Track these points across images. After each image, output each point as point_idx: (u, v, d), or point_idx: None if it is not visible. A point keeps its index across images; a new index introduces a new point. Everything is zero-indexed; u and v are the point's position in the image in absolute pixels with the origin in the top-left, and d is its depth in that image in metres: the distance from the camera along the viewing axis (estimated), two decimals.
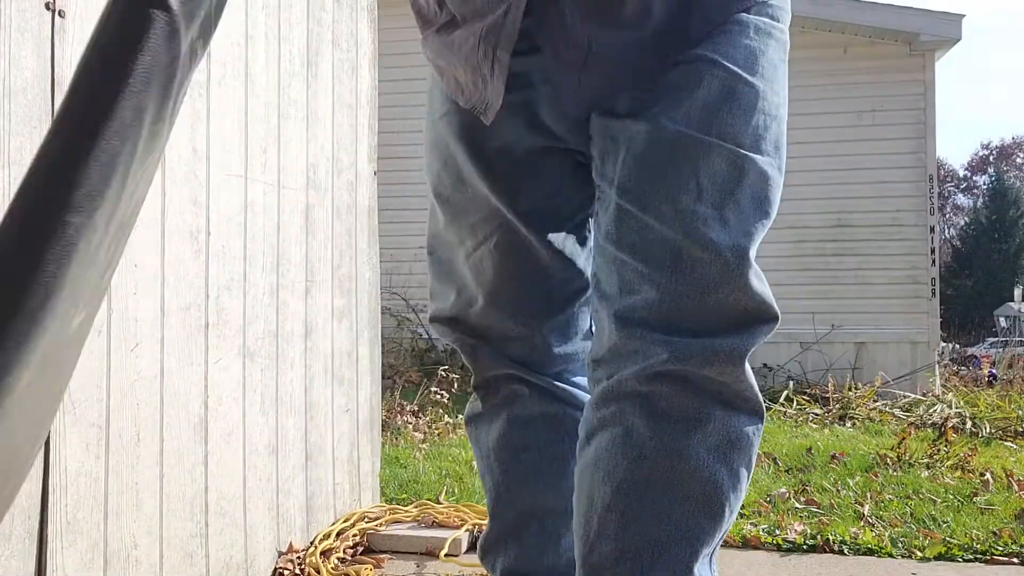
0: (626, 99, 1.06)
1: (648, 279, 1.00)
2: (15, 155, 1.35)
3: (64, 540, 1.45)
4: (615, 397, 1.01)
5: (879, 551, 2.54)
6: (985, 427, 4.84)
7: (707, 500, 0.98)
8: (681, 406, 0.99)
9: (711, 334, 1.00)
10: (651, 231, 1.00)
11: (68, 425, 1.46)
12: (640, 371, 0.99)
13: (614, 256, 1.03)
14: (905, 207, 7.43)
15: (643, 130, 1.02)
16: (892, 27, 7.28)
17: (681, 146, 1.00)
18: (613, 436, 1.00)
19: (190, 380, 1.81)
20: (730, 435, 1.01)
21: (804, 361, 7.42)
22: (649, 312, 1.00)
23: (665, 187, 1.00)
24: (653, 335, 0.99)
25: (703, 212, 0.99)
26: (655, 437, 0.98)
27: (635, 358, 1.00)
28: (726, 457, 1.00)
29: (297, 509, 2.28)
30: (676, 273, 0.99)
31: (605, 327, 1.05)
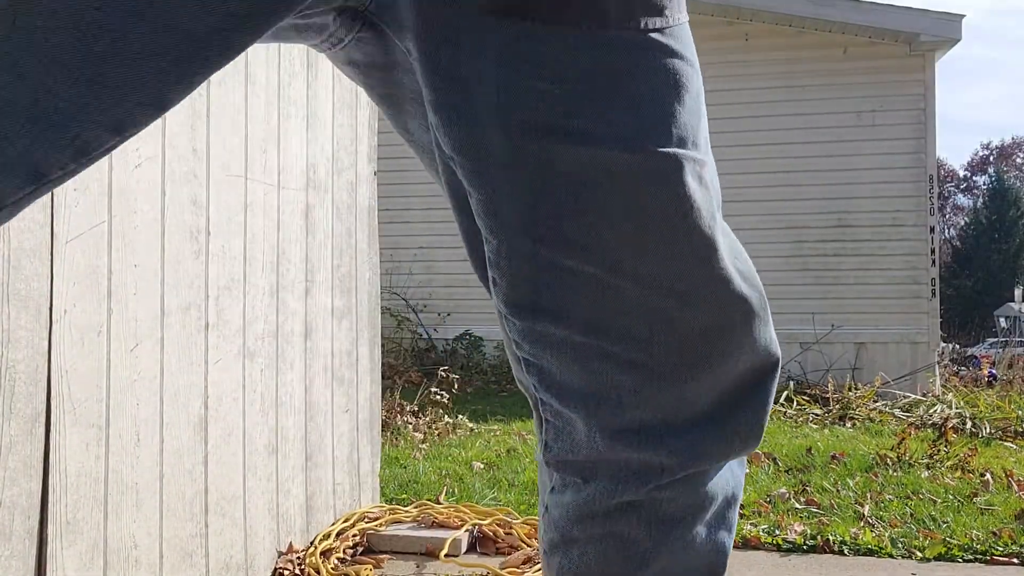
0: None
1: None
2: None
3: (64, 540, 1.45)
4: (602, 512, 0.77)
5: (879, 551, 2.54)
6: (985, 427, 4.84)
7: (712, 568, 0.82)
8: (688, 504, 0.78)
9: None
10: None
11: (68, 425, 1.46)
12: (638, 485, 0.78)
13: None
14: (905, 207, 7.43)
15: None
16: (892, 27, 7.28)
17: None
18: (603, 549, 0.79)
19: (190, 380, 1.81)
20: (732, 494, 0.83)
21: (804, 361, 7.42)
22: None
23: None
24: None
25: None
26: (657, 544, 0.78)
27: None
28: (727, 516, 0.83)
29: (297, 509, 2.28)
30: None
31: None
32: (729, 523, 0.83)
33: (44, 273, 1.41)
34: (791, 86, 7.55)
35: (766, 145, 7.56)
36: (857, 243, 7.48)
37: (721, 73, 7.69)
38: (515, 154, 0.67)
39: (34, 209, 1.39)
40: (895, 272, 7.43)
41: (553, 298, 0.71)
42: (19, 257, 1.36)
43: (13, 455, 1.34)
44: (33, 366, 1.39)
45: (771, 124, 7.56)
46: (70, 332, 1.47)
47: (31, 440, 1.38)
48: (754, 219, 7.61)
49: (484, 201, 0.69)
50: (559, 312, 0.71)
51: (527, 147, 0.66)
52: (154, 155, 1.70)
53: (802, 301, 7.52)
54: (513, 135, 0.66)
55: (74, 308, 1.48)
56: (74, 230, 1.48)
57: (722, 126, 7.66)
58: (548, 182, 0.67)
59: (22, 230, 1.36)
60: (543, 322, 0.72)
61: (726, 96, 7.65)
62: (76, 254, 1.49)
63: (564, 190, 0.67)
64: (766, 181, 7.59)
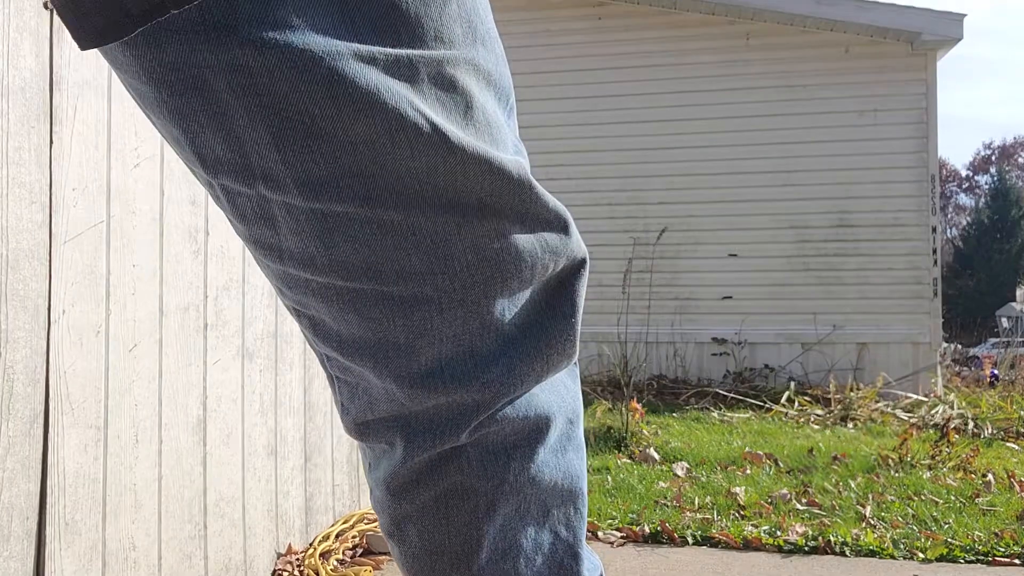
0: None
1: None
2: (13, 155, 1.35)
3: (62, 541, 1.44)
4: (425, 472, 0.69)
5: (881, 552, 2.53)
6: (987, 428, 4.84)
7: (570, 495, 0.74)
8: (520, 431, 0.70)
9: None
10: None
11: (66, 426, 1.46)
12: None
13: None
14: (907, 207, 7.43)
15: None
16: (894, 26, 7.27)
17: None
18: (442, 515, 0.70)
19: (189, 381, 1.81)
20: (572, 411, 0.76)
21: (806, 362, 7.41)
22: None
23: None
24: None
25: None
26: (497, 485, 0.70)
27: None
28: (572, 435, 0.75)
29: (296, 510, 2.28)
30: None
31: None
32: (576, 442, 0.73)
33: (42, 273, 1.41)
34: (792, 85, 7.54)
35: (767, 145, 7.56)
36: (859, 243, 7.47)
37: (722, 72, 7.69)
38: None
39: (32, 209, 1.38)
40: (897, 272, 7.42)
41: (297, 241, 0.60)
42: (17, 257, 1.35)
43: (11, 456, 1.34)
44: (31, 367, 1.38)
45: (772, 124, 7.56)
46: (68, 332, 1.46)
47: (29, 441, 1.38)
48: (755, 219, 7.60)
49: (185, 139, 0.59)
50: (306, 256, 0.60)
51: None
52: (152, 155, 1.70)
53: (804, 301, 7.51)
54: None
55: (72, 308, 1.47)
56: (72, 230, 1.48)
57: (723, 125, 7.67)
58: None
59: (20, 230, 1.36)
60: (293, 266, 0.62)
61: (727, 96, 7.65)
62: (74, 254, 1.48)
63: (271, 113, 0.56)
64: (767, 181, 7.58)
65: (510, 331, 0.65)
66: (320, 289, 0.62)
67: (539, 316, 0.66)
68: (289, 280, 0.63)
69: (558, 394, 0.70)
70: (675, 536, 2.70)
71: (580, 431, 0.73)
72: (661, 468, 3.72)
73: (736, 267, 7.61)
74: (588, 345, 7.74)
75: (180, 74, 0.56)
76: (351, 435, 0.70)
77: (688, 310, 7.67)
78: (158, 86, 0.57)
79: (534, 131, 7.95)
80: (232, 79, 0.55)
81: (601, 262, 7.82)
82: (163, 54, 0.55)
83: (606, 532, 2.75)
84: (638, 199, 7.75)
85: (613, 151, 7.78)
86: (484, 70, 0.63)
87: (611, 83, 7.80)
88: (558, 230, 0.66)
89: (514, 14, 8.03)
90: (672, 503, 3.07)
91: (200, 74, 0.55)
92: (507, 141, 0.65)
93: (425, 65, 0.58)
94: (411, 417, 0.65)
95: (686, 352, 7.61)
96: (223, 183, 0.60)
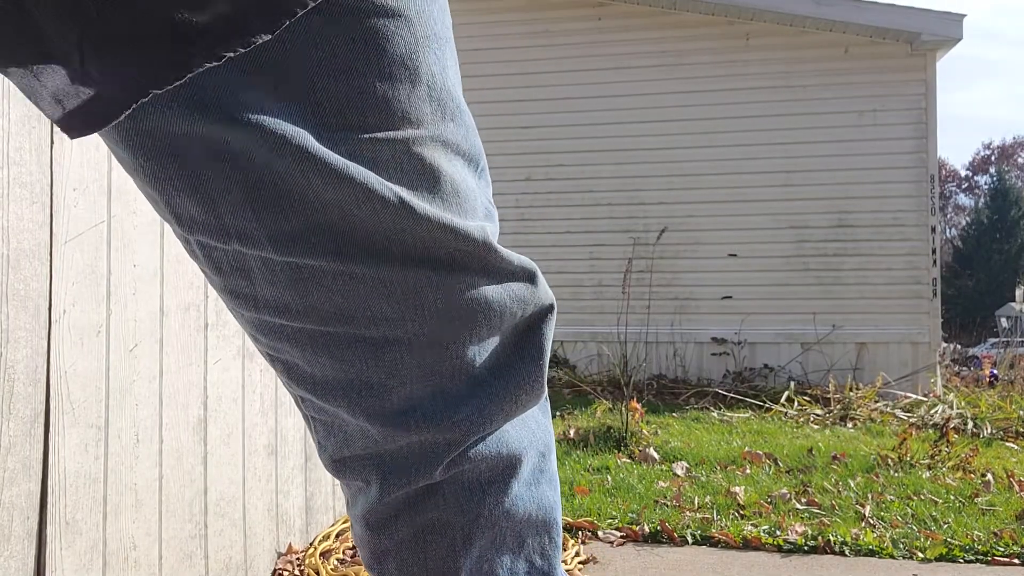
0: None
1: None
2: (14, 155, 1.35)
3: (63, 541, 1.45)
4: (402, 508, 0.72)
5: (880, 552, 2.53)
6: (986, 428, 4.84)
7: (544, 526, 0.79)
8: (494, 467, 0.74)
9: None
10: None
11: (67, 426, 1.46)
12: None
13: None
14: (906, 207, 7.43)
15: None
16: (893, 27, 7.28)
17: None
18: (419, 549, 0.73)
19: (189, 380, 1.81)
20: (544, 444, 0.79)
21: (805, 361, 7.42)
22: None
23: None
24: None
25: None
26: (473, 519, 0.73)
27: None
28: (545, 468, 0.79)
29: (296, 510, 2.28)
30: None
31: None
32: (549, 475, 0.76)
33: (43, 273, 1.41)
34: (792, 86, 7.55)
35: (767, 145, 7.56)
36: (858, 243, 7.48)
37: (722, 73, 7.69)
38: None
39: (33, 209, 1.39)
40: (896, 272, 7.43)
41: (271, 290, 0.62)
42: (18, 257, 1.35)
43: (12, 456, 1.34)
44: (32, 366, 1.38)
45: (772, 124, 7.56)
46: (69, 332, 1.47)
47: (30, 441, 1.38)
48: (755, 219, 7.61)
49: (161, 200, 0.61)
50: (281, 304, 0.63)
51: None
52: None
53: (803, 301, 7.51)
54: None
55: (73, 308, 1.47)
56: (73, 230, 1.48)
57: (723, 126, 7.67)
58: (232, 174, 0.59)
59: (21, 230, 1.36)
60: (268, 314, 0.64)
61: (727, 96, 7.66)
62: (75, 254, 1.48)
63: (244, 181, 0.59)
64: (767, 181, 7.58)
65: (480, 373, 0.67)
66: (294, 334, 0.64)
67: (508, 359, 0.69)
68: (263, 327, 0.65)
69: (529, 430, 0.73)
70: (675, 536, 2.70)
71: (552, 463, 0.76)
72: (661, 468, 3.72)
73: (736, 267, 7.62)
74: (588, 345, 7.74)
75: (156, 141, 0.58)
76: (329, 471, 0.72)
77: (688, 310, 7.67)
78: (135, 152, 0.59)
79: (534, 131, 7.96)
80: (207, 148, 0.57)
81: (601, 262, 7.82)
82: (140, 123, 0.57)
83: (606, 531, 2.75)
84: (638, 199, 7.76)
85: (613, 151, 7.78)
86: (453, 143, 0.65)
87: (611, 83, 7.80)
88: (525, 280, 0.68)
89: (514, 14, 8.03)
90: (672, 503, 3.07)
91: (176, 142, 0.57)
92: (477, 207, 0.67)
93: (391, 146, 0.60)
94: (385, 455, 0.67)
95: (686, 352, 7.61)
96: (198, 239, 0.62)
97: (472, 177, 0.69)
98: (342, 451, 0.69)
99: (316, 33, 0.56)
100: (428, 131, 0.62)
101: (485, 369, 0.68)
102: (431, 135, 0.62)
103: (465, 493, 0.69)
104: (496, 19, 8.05)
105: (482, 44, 8.00)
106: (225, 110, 0.55)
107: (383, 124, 0.59)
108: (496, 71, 7.97)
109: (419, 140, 0.61)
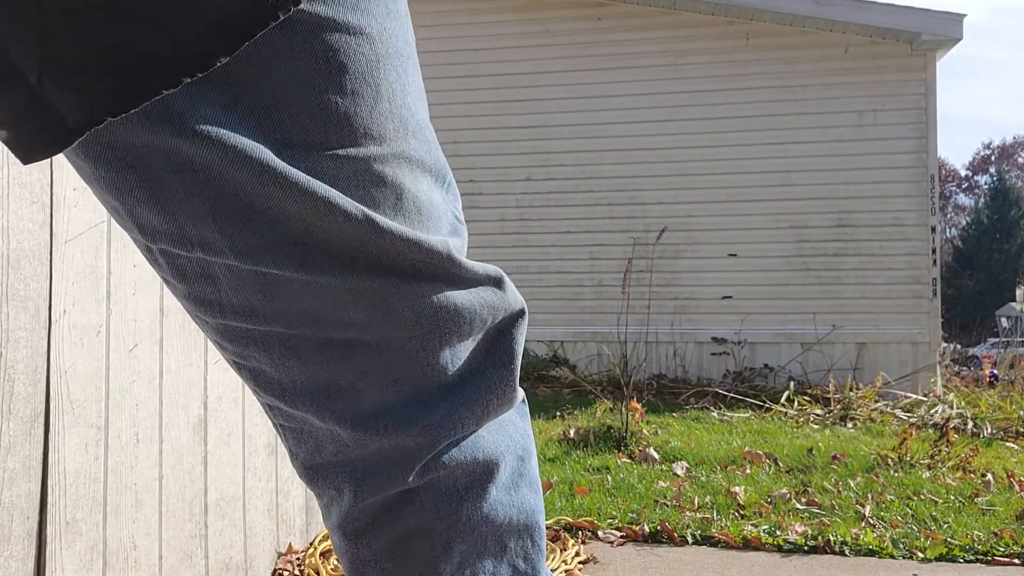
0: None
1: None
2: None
3: (63, 541, 1.45)
4: (378, 516, 0.72)
5: (880, 552, 2.53)
6: (986, 428, 4.84)
7: (526, 529, 0.79)
8: (470, 473, 0.74)
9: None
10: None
11: (67, 425, 1.46)
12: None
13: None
14: (906, 207, 7.43)
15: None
16: (893, 27, 7.28)
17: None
18: (400, 557, 0.74)
19: (189, 380, 1.81)
20: (523, 448, 0.79)
21: (805, 361, 7.42)
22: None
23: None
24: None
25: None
26: (452, 524, 0.74)
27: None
28: (524, 472, 0.78)
29: (296, 510, 2.28)
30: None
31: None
32: (529, 479, 0.75)
33: (43, 273, 1.41)
34: (792, 86, 7.55)
35: (767, 145, 7.56)
36: (858, 243, 7.48)
37: (722, 73, 7.69)
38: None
39: (33, 209, 1.39)
40: (896, 272, 7.43)
41: (237, 296, 0.62)
42: (18, 257, 1.35)
43: (12, 456, 1.34)
44: (32, 366, 1.38)
45: (772, 124, 7.56)
46: (69, 332, 1.47)
47: (30, 440, 1.38)
48: (755, 219, 7.61)
49: (122, 210, 0.61)
50: (247, 309, 0.62)
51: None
52: None
53: (803, 301, 7.51)
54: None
55: (73, 308, 1.48)
56: (73, 230, 1.48)
57: (722, 126, 7.67)
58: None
59: (21, 230, 1.36)
60: (234, 319, 0.63)
61: (727, 96, 7.66)
62: (75, 254, 1.48)
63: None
64: (767, 181, 7.59)
65: (451, 378, 0.67)
66: (261, 337, 0.63)
67: (479, 364, 0.69)
68: (229, 333, 0.64)
69: (507, 434, 0.72)
70: (675, 535, 2.70)
71: (533, 467, 0.76)
72: (661, 467, 3.73)
73: (736, 267, 7.62)
74: (588, 345, 7.75)
75: (116, 153, 0.58)
76: (302, 480, 0.71)
77: (688, 310, 7.67)
78: (96, 163, 0.59)
79: (534, 131, 7.96)
80: (168, 159, 0.57)
81: (601, 262, 7.82)
82: (100, 135, 0.57)
83: (606, 531, 2.75)
84: (638, 199, 7.76)
85: (613, 151, 7.78)
86: (416, 159, 0.65)
87: (611, 83, 7.80)
88: (492, 286, 0.68)
89: (514, 14, 8.03)
90: (672, 502, 3.07)
91: (138, 153, 0.57)
92: (441, 222, 0.67)
93: (352, 163, 0.60)
94: (357, 461, 0.67)
95: (686, 352, 7.61)
96: (161, 247, 0.62)
97: (438, 192, 0.69)
98: (313, 458, 0.68)
99: (278, 49, 0.56)
100: (390, 148, 0.62)
101: (456, 374, 0.67)
102: (393, 152, 0.62)
103: (443, 499, 0.68)
104: (496, 19, 8.05)
105: (482, 44, 8.00)
106: (186, 124, 0.55)
107: (345, 141, 0.59)
108: (496, 71, 7.97)
109: (381, 158, 0.61)
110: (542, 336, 7.71)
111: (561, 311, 7.83)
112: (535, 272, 7.83)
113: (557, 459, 3.87)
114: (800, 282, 7.55)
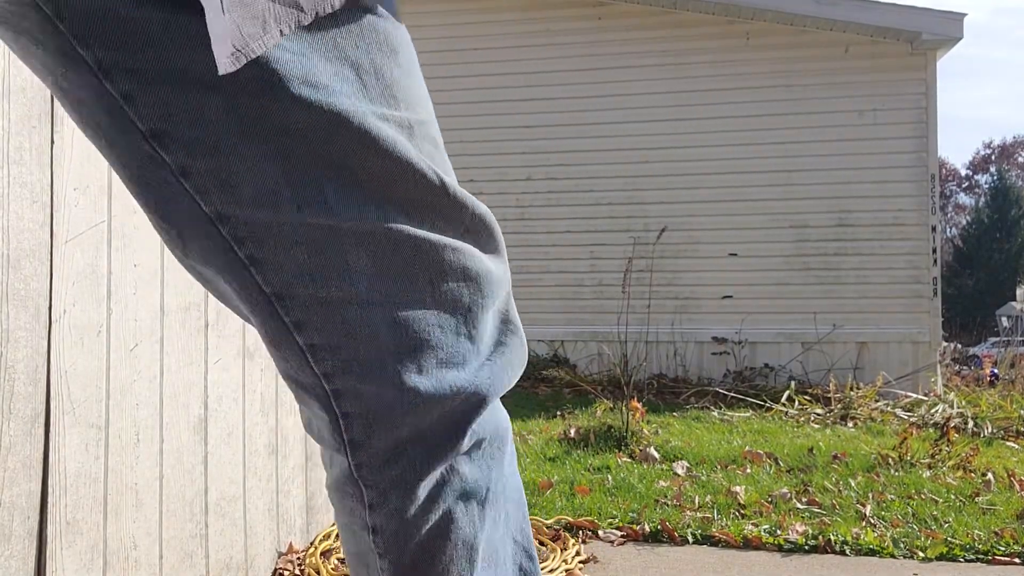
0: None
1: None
2: (14, 155, 1.35)
3: (64, 540, 1.45)
4: (426, 505, 0.74)
5: (881, 551, 2.53)
6: (987, 427, 4.84)
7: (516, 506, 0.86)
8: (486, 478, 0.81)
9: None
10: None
11: (68, 426, 1.46)
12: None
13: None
14: (907, 206, 7.43)
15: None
16: (893, 26, 7.28)
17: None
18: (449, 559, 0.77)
19: (190, 380, 1.81)
20: (504, 427, 0.86)
21: (806, 361, 7.41)
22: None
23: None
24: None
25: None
26: (480, 525, 0.80)
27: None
28: (505, 449, 0.84)
29: (297, 509, 2.28)
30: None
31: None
32: (513, 456, 0.80)
33: (43, 273, 1.41)
34: (792, 85, 7.54)
35: (767, 144, 7.56)
36: (858, 242, 7.48)
37: (722, 72, 7.69)
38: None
39: (34, 209, 1.39)
40: (897, 271, 7.43)
41: (324, 260, 0.65)
42: (18, 257, 1.35)
43: (12, 455, 1.34)
44: (32, 366, 1.38)
45: (772, 123, 7.56)
46: (69, 332, 1.47)
47: (30, 440, 1.38)
48: (755, 219, 7.61)
49: (209, 171, 0.64)
50: (343, 271, 0.66)
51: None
52: None
53: (803, 301, 7.51)
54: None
55: (73, 308, 1.47)
56: (73, 230, 1.48)
57: (723, 125, 7.67)
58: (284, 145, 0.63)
59: (21, 230, 1.36)
60: (326, 287, 0.66)
61: (727, 96, 7.65)
62: (75, 254, 1.48)
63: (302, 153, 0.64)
64: (767, 180, 7.58)
65: (495, 337, 0.74)
66: (349, 304, 0.67)
67: (501, 335, 0.75)
68: (316, 305, 0.67)
69: (503, 411, 0.78)
70: (675, 535, 2.70)
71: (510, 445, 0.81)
72: (661, 467, 3.72)
73: (736, 267, 7.62)
74: (588, 344, 7.74)
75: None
76: (371, 472, 0.70)
77: (688, 310, 7.67)
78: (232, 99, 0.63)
79: (535, 131, 7.96)
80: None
81: (601, 262, 7.82)
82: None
83: (606, 531, 2.75)
84: (638, 199, 7.75)
85: (613, 151, 7.78)
86: (438, 130, 0.74)
87: (611, 83, 7.80)
88: (502, 254, 0.76)
89: (514, 14, 8.03)
90: (672, 502, 3.07)
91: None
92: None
93: (414, 125, 0.68)
94: (426, 431, 0.69)
95: (686, 351, 7.61)
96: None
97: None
98: (388, 432, 0.68)
99: (360, 20, 0.66)
100: (428, 116, 0.71)
101: (501, 331, 0.75)
102: (431, 119, 0.71)
103: (477, 468, 0.73)
104: (496, 19, 8.05)
105: (483, 44, 8.00)
106: (296, 88, 0.61)
107: (406, 107, 0.68)
108: (496, 71, 7.96)
109: (426, 123, 0.70)
110: (542, 336, 7.71)
111: (561, 311, 7.82)
112: (535, 272, 7.83)
113: (557, 459, 3.87)
114: (800, 282, 7.55)
